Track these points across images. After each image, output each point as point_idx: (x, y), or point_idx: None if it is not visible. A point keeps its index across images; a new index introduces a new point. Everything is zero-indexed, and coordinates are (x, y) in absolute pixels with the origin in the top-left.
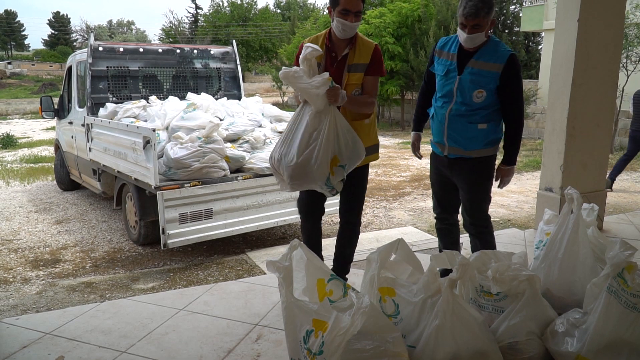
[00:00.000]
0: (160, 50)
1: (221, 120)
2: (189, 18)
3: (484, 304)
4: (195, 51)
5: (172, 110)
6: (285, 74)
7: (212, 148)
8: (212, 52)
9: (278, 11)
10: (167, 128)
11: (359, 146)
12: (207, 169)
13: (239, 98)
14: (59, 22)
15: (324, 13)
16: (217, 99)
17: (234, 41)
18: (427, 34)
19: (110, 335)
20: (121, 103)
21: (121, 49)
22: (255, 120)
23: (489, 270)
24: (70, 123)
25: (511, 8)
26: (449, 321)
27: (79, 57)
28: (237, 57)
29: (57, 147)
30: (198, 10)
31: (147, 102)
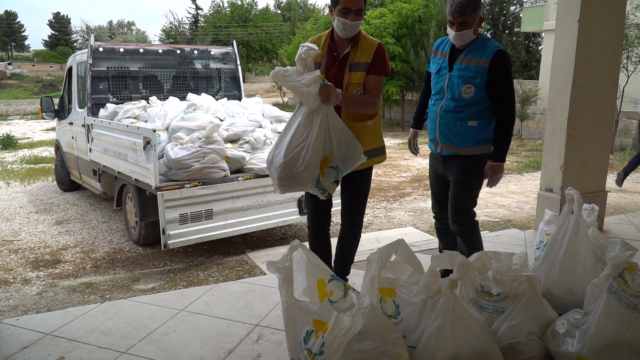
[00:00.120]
0: (160, 51)
1: (221, 120)
2: (189, 19)
3: (484, 304)
4: (195, 52)
5: (172, 111)
6: (275, 73)
7: (212, 149)
8: (212, 53)
9: (278, 12)
10: (167, 129)
11: (355, 147)
12: (207, 170)
13: (240, 99)
14: (59, 23)
15: (325, 13)
16: (217, 100)
17: (234, 42)
18: (428, 35)
19: (110, 336)
20: (121, 104)
21: (121, 50)
22: (255, 121)
23: (489, 270)
24: (71, 124)
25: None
26: (450, 322)
27: (79, 57)
28: (238, 57)
29: (58, 147)
30: (198, 11)
31: (148, 103)
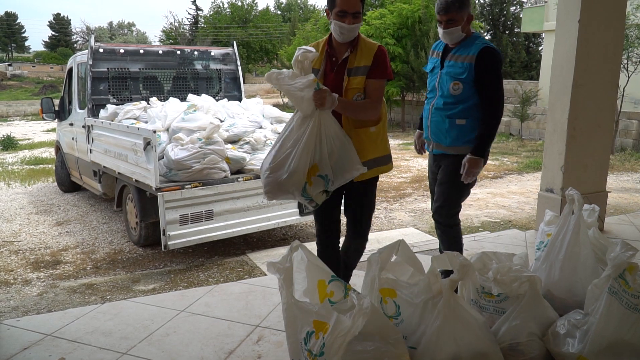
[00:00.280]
0: (160, 52)
1: (222, 121)
2: (189, 19)
3: (485, 305)
4: (195, 52)
5: (172, 112)
6: (269, 75)
7: (212, 149)
8: (212, 54)
9: (278, 12)
10: (167, 129)
11: (349, 157)
12: (207, 170)
13: (240, 99)
14: (60, 24)
15: (325, 14)
16: (217, 101)
17: (234, 42)
18: (428, 35)
19: (111, 337)
20: (122, 104)
21: (122, 51)
22: (255, 122)
23: (490, 271)
24: (71, 125)
25: (511, 9)
26: (450, 322)
27: (80, 58)
28: (238, 58)
29: (58, 148)
30: (198, 12)
31: (148, 104)
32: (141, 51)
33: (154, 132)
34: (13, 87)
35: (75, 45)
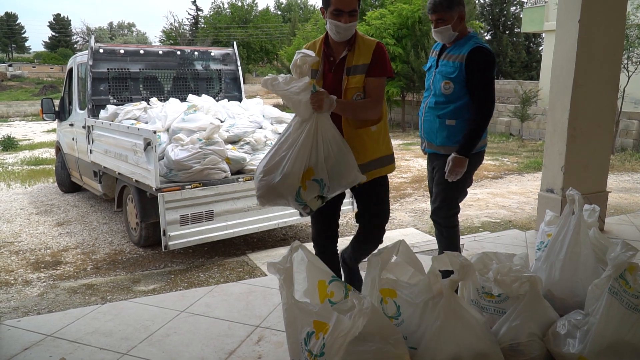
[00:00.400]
0: (160, 52)
1: (222, 121)
2: (189, 20)
3: (485, 305)
4: (195, 53)
5: (172, 112)
6: (265, 81)
7: (212, 150)
8: (212, 54)
9: (278, 13)
10: (167, 130)
11: (347, 162)
12: (208, 171)
13: (240, 100)
14: (60, 25)
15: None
16: (217, 101)
17: (234, 43)
18: (428, 35)
19: (111, 337)
20: (122, 105)
21: (122, 51)
22: (256, 122)
23: (490, 271)
24: (71, 125)
25: (512, 9)
26: (451, 323)
27: (80, 59)
28: (238, 58)
29: (58, 149)
30: (199, 12)
31: (148, 104)
32: (141, 51)
33: (154, 132)
34: (13, 88)
35: (75, 45)
